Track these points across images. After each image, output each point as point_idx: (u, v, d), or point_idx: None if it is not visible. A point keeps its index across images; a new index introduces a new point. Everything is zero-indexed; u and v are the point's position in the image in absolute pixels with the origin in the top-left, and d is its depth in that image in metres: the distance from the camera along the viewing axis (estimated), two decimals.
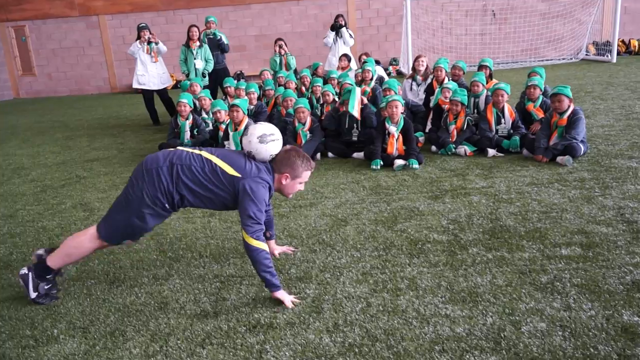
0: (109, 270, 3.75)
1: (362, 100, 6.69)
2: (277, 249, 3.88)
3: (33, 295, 3.28)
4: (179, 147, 3.32)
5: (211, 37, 9.78)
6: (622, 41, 16.27)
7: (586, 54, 16.33)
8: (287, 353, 2.68)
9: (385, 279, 3.37)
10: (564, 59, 16.24)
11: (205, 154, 3.22)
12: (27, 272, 3.28)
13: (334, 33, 10.63)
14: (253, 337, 2.83)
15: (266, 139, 3.18)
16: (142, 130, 9.60)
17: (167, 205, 3.16)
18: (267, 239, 3.72)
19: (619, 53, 15.43)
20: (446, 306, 3.00)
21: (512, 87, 6.79)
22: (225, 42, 9.92)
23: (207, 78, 9.68)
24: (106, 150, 7.95)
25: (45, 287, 3.32)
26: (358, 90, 6.66)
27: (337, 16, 10.84)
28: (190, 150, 3.25)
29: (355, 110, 6.46)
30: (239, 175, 3.13)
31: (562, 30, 16.25)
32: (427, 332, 2.77)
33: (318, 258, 3.74)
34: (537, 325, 2.76)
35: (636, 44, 16.34)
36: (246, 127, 6.20)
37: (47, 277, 3.31)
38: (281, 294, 3.11)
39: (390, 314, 2.96)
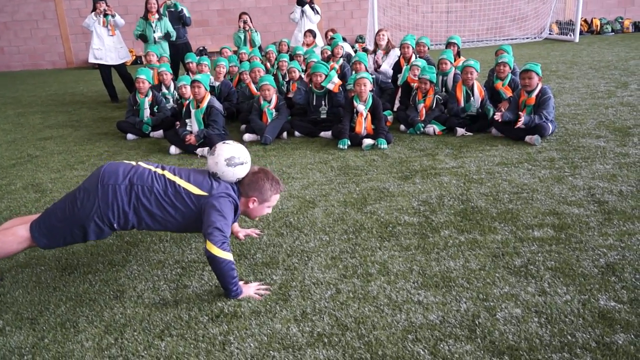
0: (61, 256, 3.51)
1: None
2: (242, 232, 3.70)
3: None
4: (140, 163, 3.05)
5: (172, 9, 9.37)
6: (585, 20, 16.42)
7: (549, 33, 16.42)
8: (252, 344, 2.52)
9: (355, 264, 3.23)
10: (527, 38, 16.30)
11: (168, 174, 3.00)
12: None
13: (300, 8, 10.33)
14: (216, 328, 2.66)
15: (234, 162, 2.98)
16: (100, 107, 9.20)
17: (115, 225, 2.92)
18: None
19: (581, 32, 15.57)
20: (419, 292, 2.89)
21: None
22: (187, 15, 9.52)
23: (167, 47, 9.29)
24: (61, 128, 7.56)
25: None
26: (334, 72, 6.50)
27: None
28: (152, 169, 3.02)
29: (332, 83, 6.30)
30: (205, 194, 2.93)
31: (526, 9, 16.28)
32: (400, 319, 2.65)
33: (285, 242, 3.58)
34: (512, 311, 2.66)
35: (598, 23, 16.51)
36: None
37: None
38: (245, 294, 2.92)
39: (361, 301, 2.83)
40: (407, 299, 2.83)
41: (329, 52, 8.01)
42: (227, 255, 2.80)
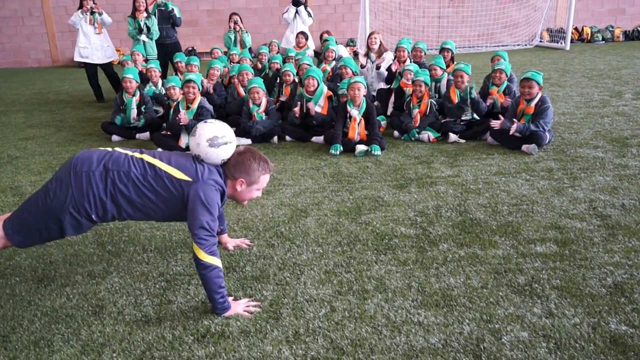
0: (37, 266, 3.30)
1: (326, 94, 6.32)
2: (231, 242, 3.51)
3: None
4: (116, 149, 2.83)
5: (162, 8, 9.12)
6: (575, 28, 16.42)
7: (540, 41, 16.40)
8: None
9: (351, 279, 3.06)
10: (518, 44, 16.25)
11: (147, 157, 2.77)
12: None
13: (295, 8, 10.14)
14: (201, 349, 2.47)
15: (217, 142, 2.73)
16: (85, 107, 8.94)
17: (93, 216, 2.69)
18: (219, 233, 3.35)
19: (572, 40, 15.56)
20: (418, 311, 2.72)
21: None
22: (178, 16, 9.28)
23: (154, 49, 9.09)
24: (43, 128, 7.31)
25: None
26: (325, 87, 6.31)
27: None
28: (129, 153, 2.80)
29: (319, 106, 6.14)
30: (190, 179, 2.70)
31: (517, 16, 16.24)
32: (399, 342, 2.47)
33: (276, 254, 3.40)
34: (518, 334, 2.50)
35: (589, 31, 16.52)
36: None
37: None
38: (232, 310, 2.73)
39: (358, 321, 2.65)
40: (407, 319, 2.66)
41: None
42: (215, 261, 2.62)
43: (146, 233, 3.73)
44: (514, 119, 5.46)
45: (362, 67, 7.76)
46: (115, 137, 6.50)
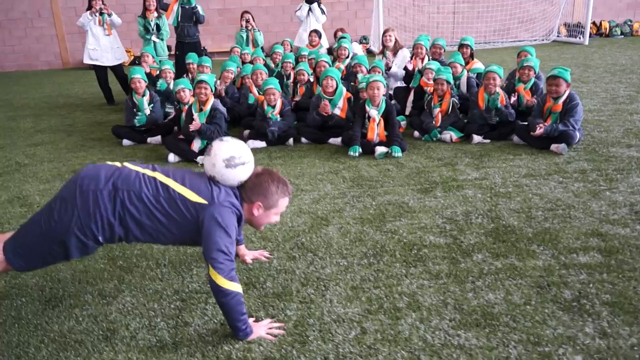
0: (45, 285, 3.09)
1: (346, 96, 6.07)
2: (249, 255, 3.28)
3: None
4: (126, 164, 2.61)
5: (186, 6, 8.87)
6: (593, 23, 16.03)
7: (557, 36, 16.04)
8: None
9: (381, 295, 2.82)
10: (535, 40, 15.89)
11: (160, 176, 2.55)
12: None
13: (308, 5, 9.88)
14: None
15: (234, 162, 2.52)
16: (95, 110, 8.76)
17: (100, 238, 2.47)
18: (236, 244, 3.13)
19: (590, 35, 15.19)
20: (458, 332, 2.48)
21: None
22: (201, 13, 8.97)
23: (165, 49, 8.92)
24: (53, 133, 7.13)
25: None
26: (344, 89, 6.06)
27: None
28: (141, 170, 2.58)
29: (338, 108, 5.90)
30: (205, 202, 2.48)
31: (534, 11, 15.89)
32: None
33: (298, 267, 3.17)
34: (571, 359, 2.26)
35: (607, 25, 16.14)
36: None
37: None
38: (255, 334, 2.50)
39: (392, 344, 2.42)
40: (446, 341, 2.42)
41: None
42: (236, 287, 2.39)
43: (159, 246, 3.51)
44: (540, 122, 5.18)
45: (389, 68, 7.45)
46: (126, 142, 6.31)
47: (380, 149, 5.30)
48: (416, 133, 5.97)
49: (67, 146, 6.38)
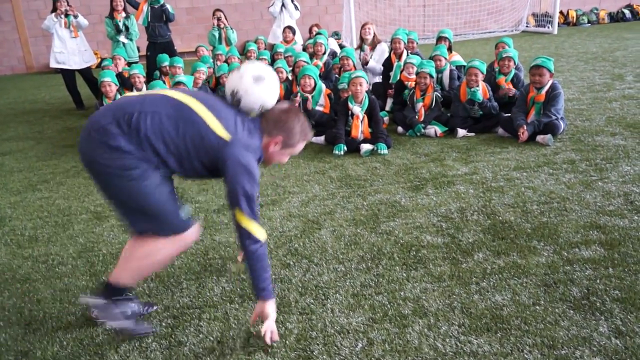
0: (24, 306, 2.88)
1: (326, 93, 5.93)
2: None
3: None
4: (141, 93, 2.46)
5: (155, 5, 8.58)
6: (561, 12, 16.18)
7: (527, 26, 16.16)
8: None
9: (384, 302, 2.69)
10: (504, 30, 15.98)
11: (183, 97, 2.36)
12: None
13: (281, 1, 9.69)
14: None
15: (262, 81, 2.43)
16: (64, 115, 8.43)
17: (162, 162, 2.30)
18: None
19: (558, 24, 15.33)
20: (469, 339, 2.37)
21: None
22: (171, 11, 8.72)
23: (135, 51, 8.65)
24: (20, 141, 6.82)
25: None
26: (323, 85, 5.91)
27: None
28: (166, 93, 2.40)
29: (321, 106, 5.75)
30: (226, 139, 2.29)
31: (502, 2, 15.95)
32: None
33: (294, 275, 3.02)
34: None
35: (574, 14, 16.32)
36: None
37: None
38: (272, 307, 2.40)
39: (402, 355, 2.29)
40: (458, 349, 2.30)
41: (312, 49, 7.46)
42: (265, 235, 2.34)
43: None
44: (522, 124, 5.11)
45: (366, 63, 7.32)
46: None
47: (366, 147, 5.18)
48: (400, 128, 5.86)
49: (37, 154, 6.09)
